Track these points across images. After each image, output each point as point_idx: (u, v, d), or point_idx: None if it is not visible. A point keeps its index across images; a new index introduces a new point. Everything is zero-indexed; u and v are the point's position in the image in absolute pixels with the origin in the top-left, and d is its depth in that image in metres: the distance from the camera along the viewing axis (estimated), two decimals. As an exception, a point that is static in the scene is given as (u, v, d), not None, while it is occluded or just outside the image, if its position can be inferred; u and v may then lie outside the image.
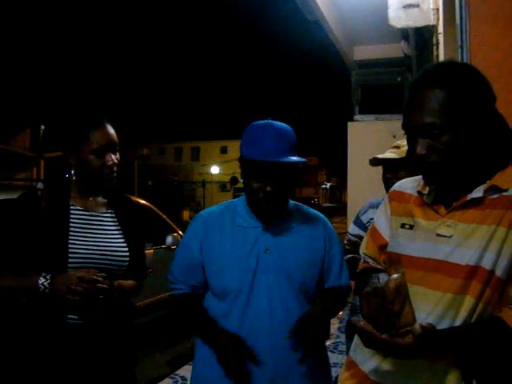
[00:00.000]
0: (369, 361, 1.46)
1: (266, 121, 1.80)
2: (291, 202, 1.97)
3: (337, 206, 55.24)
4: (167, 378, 4.63)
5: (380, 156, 2.70)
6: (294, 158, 1.73)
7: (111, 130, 2.05)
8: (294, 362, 1.78)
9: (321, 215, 2.00)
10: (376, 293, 1.21)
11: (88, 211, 2.06)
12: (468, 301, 1.27)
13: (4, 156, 18.87)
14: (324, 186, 73.09)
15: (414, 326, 1.17)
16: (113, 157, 2.03)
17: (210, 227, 1.89)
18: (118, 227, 2.11)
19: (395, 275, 1.21)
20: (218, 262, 1.84)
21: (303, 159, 1.77)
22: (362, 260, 1.71)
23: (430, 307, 1.31)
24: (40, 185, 2.12)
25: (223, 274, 1.82)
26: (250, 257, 1.79)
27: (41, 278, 1.87)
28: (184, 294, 1.95)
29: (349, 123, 7.58)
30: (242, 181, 1.84)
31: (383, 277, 1.37)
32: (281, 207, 1.85)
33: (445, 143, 1.30)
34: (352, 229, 2.88)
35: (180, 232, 6.35)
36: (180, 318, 1.93)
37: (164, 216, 6.49)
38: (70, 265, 1.91)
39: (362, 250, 1.71)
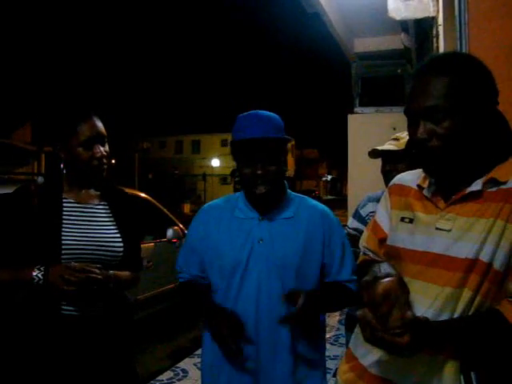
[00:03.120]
0: (368, 354, 1.46)
1: (251, 111, 1.90)
2: (292, 193, 1.99)
3: (337, 199, 55.15)
4: (168, 371, 4.65)
5: (379, 148, 2.69)
6: (276, 134, 1.83)
7: (99, 123, 2.08)
8: (282, 348, 1.81)
9: (321, 206, 2.00)
10: (376, 282, 1.22)
11: (80, 204, 2.09)
12: (466, 293, 1.28)
13: (5, 150, 18.85)
14: (325, 179, 73.10)
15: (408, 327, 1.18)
16: (101, 149, 2.06)
17: (210, 219, 1.96)
18: (112, 219, 2.13)
19: (385, 279, 1.21)
20: (214, 252, 1.90)
21: (287, 137, 1.88)
22: (361, 252, 1.71)
23: (429, 301, 1.32)
24: (40, 179, 2.14)
25: (218, 265, 1.87)
26: (243, 247, 1.83)
27: (35, 270, 1.89)
28: (187, 282, 2.01)
29: (349, 115, 7.55)
30: (237, 175, 1.91)
31: (384, 267, 1.36)
32: (275, 192, 1.88)
33: (446, 128, 1.30)
34: (351, 222, 2.89)
35: (180, 225, 6.35)
36: (184, 306, 1.99)
37: (164, 209, 6.50)
38: (63, 256, 1.94)
39: (362, 243, 1.71)
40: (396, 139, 2.67)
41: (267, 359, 1.81)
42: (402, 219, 1.49)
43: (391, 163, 2.63)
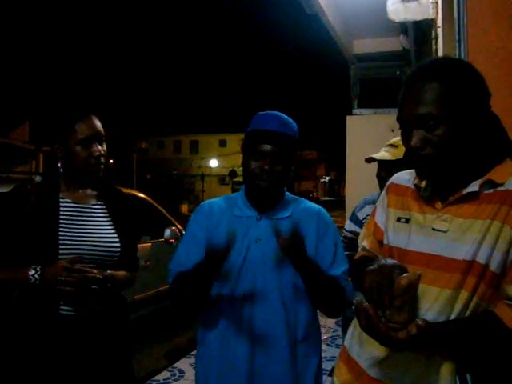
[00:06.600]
0: (364, 354, 1.46)
1: (272, 111, 1.92)
2: (289, 195, 2.00)
3: (335, 200, 55.16)
4: (165, 371, 4.66)
5: (376, 157, 2.69)
6: (291, 132, 1.86)
7: (97, 122, 2.08)
8: (278, 347, 1.80)
9: (317, 206, 2.01)
10: (381, 270, 1.25)
11: (77, 203, 2.08)
12: (463, 295, 1.28)
13: (3, 149, 18.82)
14: (323, 180, 73.13)
15: (409, 327, 1.18)
16: (99, 147, 2.06)
17: (211, 216, 1.94)
18: (109, 218, 2.13)
19: (412, 274, 1.22)
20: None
21: (299, 138, 1.89)
22: (360, 249, 1.70)
23: (428, 304, 1.32)
24: (38, 178, 2.14)
25: None
26: (240, 245, 1.81)
27: (31, 270, 1.89)
28: (181, 273, 1.87)
29: (347, 117, 7.55)
30: (241, 168, 1.90)
31: (390, 261, 1.35)
32: (276, 191, 1.88)
33: (439, 136, 1.30)
34: (348, 225, 2.88)
35: (178, 225, 6.35)
36: (174, 298, 1.93)
37: (162, 209, 6.50)
38: (60, 257, 1.94)
39: (361, 242, 1.70)
40: (393, 146, 2.65)
41: (262, 359, 1.80)
42: (399, 219, 1.49)
43: (387, 170, 2.61)
